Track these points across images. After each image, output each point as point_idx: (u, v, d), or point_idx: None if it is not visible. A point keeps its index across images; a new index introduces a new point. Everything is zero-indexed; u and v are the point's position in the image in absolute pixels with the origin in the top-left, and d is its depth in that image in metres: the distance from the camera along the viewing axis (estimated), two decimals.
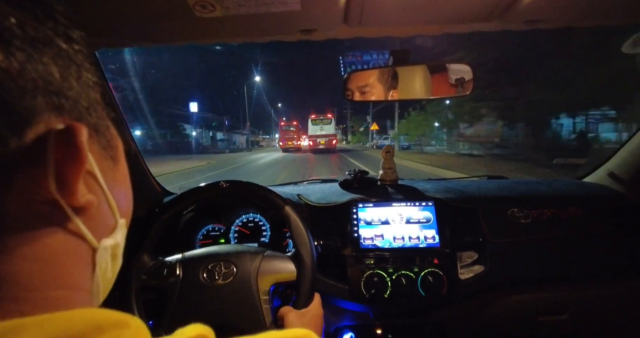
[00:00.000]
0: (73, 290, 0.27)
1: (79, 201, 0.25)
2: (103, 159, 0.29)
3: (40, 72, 0.23)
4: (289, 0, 0.61)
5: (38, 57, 0.23)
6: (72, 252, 0.27)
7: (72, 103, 0.25)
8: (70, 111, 0.25)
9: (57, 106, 0.24)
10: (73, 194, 0.25)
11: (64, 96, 0.24)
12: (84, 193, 0.26)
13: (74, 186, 0.25)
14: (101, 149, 0.29)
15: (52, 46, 0.24)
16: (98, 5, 0.62)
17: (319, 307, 0.81)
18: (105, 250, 0.30)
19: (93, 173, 0.28)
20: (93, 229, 0.28)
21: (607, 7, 0.71)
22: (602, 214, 1.10)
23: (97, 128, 0.28)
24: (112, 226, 0.31)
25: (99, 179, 0.28)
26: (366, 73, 1.06)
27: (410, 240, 1.02)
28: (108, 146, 0.30)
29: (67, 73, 0.25)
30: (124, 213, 0.33)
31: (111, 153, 0.31)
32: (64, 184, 0.24)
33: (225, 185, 0.91)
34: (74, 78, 0.25)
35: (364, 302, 0.97)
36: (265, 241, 1.17)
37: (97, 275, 0.29)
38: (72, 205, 0.25)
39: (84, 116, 0.26)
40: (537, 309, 1.07)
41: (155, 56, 36.93)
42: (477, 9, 0.71)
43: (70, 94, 0.25)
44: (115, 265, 0.33)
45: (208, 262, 0.82)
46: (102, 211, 0.29)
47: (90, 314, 0.24)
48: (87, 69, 0.27)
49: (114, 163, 0.31)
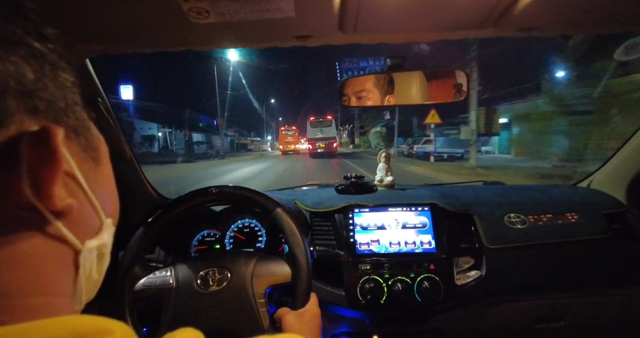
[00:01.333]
0: (54, 296, 0.26)
1: (56, 205, 0.25)
2: (84, 161, 0.29)
3: (10, 72, 0.22)
4: (283, 6, 0.61)
5: (7, 57, 0.22)
6: (53, 256, 0.26)
7: (47, 104, 0.24)
8: (45, 112, 0.24)
9: (31, 108, 0.23)
10: (50, 198, 0.24)
11: (37, 97, 0.23)
12: (63, 196, 0.25)
13: (50, 189, 0.24)
14: (81, 151, 0.28)
15: (22, 45, 0.23)
16: (92, 11, 0.62)
17: (317, 307, 0.80)
18: (90, 251, 0.29)
19: (73, 175, 0.27)
20: (76, 231, 0.27)
21: (600, 16, 0.72)
22: (598, 220, 1.10)
23: (76, 129, 0.27)
24: (97, 227, 0.30)
25: (80, 181, 0.28)
26: (362, 79, 1.07)
27: (407, 245, 1.02)
28: (89, 147, 0.29)
29: (40, 73, 0.24)
30: (110, 213, 0.32)
31: (92, 154, 0.30)
32: (40, 188, 0.24)
33: (215, 191, 0.90)
34: (48, 78, 0.24)
35: (360, 308, 0.96)
36: (261, 247, 1.16)
37: (81, 277, 0.29)
38: (51, 209, 0.25)
39: (61, 117, 0.25)
40: (535, 316, 1.06)
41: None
42: (471, 15, 0.71)
43: (44, 95, 0.24)
44: (102, 265, 0.32)
45: (201, 269, 0.81)
46: (85, 213, 0.29)
47: (72, 322, 0.23)
48: (63, 69, 0.26)
49: (96, 164, 0.31)
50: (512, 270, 1.03)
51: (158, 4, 0.60)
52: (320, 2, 0.61)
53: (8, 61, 0.22)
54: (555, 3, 0.65)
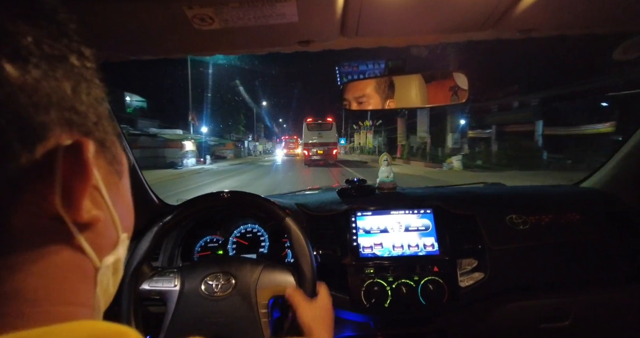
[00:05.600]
0: (77, 306, 0.26)
1: (83, 217, 0.25)
2: (109, 174, 0.29)
3: (53, 88, 0.23)
4: (286, 12, 0.62)
5: (52, 74, 0.23)
6: (76, 269, 0.27)
7: (81, 118, 0.25)
8: (79, 126, 0.25)
9: (68, 121, 0.24)
10: (78, 210, 0.25)
11: (74, 111, 0.25)
12: (90, 208, 0.26)
13: (79, 201, 0.25)
14: (107, 164, 0.29)
15: (66, 63, 0.24)
16: (96, 18, 0.62)
17: (327, 297, 0.79)
18: (107, 267, 0.30)
19: (98, 188, 0.28)
20: (97, 245, 0.28)
21: (598, 16, 0.73)
22: (600, 219, 1.10)
23: (103, 142, 0.28)
24: (114, 242, 0.31)
25: (104, 195, 0.28)
26: (363, 83, 1.07)
27: (410, 248, 1.02)
28: (114, 161, 0.30)
29: (78, 89, 0.25)
30: (126, 228, 0.33)
31: (117, 167, 0.31)
32: (70, 199, 0.24)
33: (227, 196, 0.90)
34: (84, 94, 0.26)
35: (365, 311, 0.96)
36: (263, 252, 1.16)
37: (98, 293, 0.29)
38: (77, 221, 0.25)
39: (91, 131, 0.26)
40: (539, 316, 1.06)
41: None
42: (472, 18, 0.72)
43: (80, 109, 0.25)
44: (116, 279, 0.33)
45: (207, 274, 0.81)
46: (106, 227, 0.29)
47: (90, 326, 0.24)
48: (96, 85, 0.27)
49: (119, 178, 0.31)
50: (515, 271, 1.03)
51: (162, 11, 0.60)
52: (323, 7, 0.62)
53: (53, 77, 0.23)
54: (554, 5, 0.66)
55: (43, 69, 0.22)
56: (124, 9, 0.59)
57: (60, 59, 0.24)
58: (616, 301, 1.07)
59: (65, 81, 0.24)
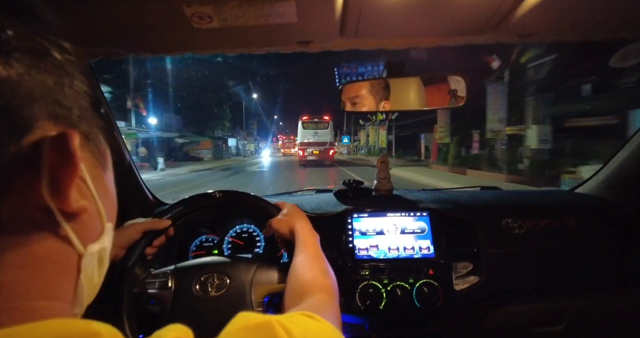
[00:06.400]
0: (55, 300, 0.26)
1: (71, 207, 0.26)
2: (94, 167, 0.30)
3: (37, 82, 0.24)
4: (285, 12, 0.62)
5: (35, 68, 0.24)
6: (59, 259, 0.27)
7: (66, 111, 0.26)
8: (64, 119, 0.26)
9: (53, 114, 0.25)
10: (65, 200, 0.25)
11: (59, 104, 0.25)
12: (77, 198, 0.26)
13: (66, 191, 0.25)
14: (92, 157, 0.30)
15: (48, 56, 0.25)
16: (94, 15, 0.62)
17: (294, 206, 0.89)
18: (92, 255, 0.30)
19: (85, 179, 0.28)
20: (82, 235, 0.28)
21: (596, 23, 0.73)
22: (596, 224, 1.11)
23: (88, 135, 0.29)
24: (99, 231, 0.32)
25: (90, 186, 0.29)
26: (359, 84, 1.08)
27: (405, 250, 1.02)
28: (98, 153, 0.31)
29: (61, 82, 0.26)
30: (111, 218, 0.34)
31: (101, 160, 0.32)
32: (57, 189, 0.25)
33: (219, 195, 0.90)
34: (67, 87, 0.26)
35: (359, 313, 0.96)
36: (259, 252, 1.16)
37: (82, 281, 0.29)
38: (65, 211, 0.26)
39: (76, 123, 0.27)
40: (534, 320, 1.06)
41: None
42: (470, 22, 0.72)
43: (64, 103, 0.26)
44: (102, 269, 0.33)
45: (201, 274, 0.80)
46: (91, 217, 0.30)
47: (59, 325, 0.24)
48: (78, 79, 0.28)
49: (103, 170, 0.32)
50: (510, 275, 1.03)
51: (161, 9, 0.60)
52: (322, 7, 0.62)
53: (35, 71, 0.24)
54: (553, 10, 0.66)
55: (26, 64, 0.23)
56: (122, 6, 0.59)
57: (42, 53, 0.25)
58: (610, 306, 1.08)
59: (47, 75, 0.24)
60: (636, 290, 1.07)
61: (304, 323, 0.36)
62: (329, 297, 0.58)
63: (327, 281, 0.62)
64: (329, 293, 0.59)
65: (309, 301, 0.54)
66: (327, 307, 0.54)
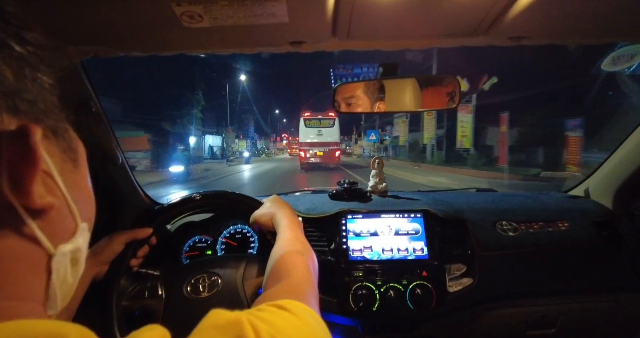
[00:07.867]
0: (22, 300, 0.26)
1: (36, 203, 0.25)
2: (63, 162, 0.29)
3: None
4: (277, 12, 0.61)
5: None
6: (24, 258, 0.26)
7: (27, 105, 0.25)
8: (26, 112, 0.25)
9: (12, 107, 0.24)
10: (29, 195, 0.24)
11: (18, 98, 0.24)
12: (43, 194, 0.26)
13: (28, 186, 0.24)
14: (60, 152, 0.29)
15: (4, 48, 0.24)
16: (83, 14, 0.61)
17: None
18: (63, 255, 0.29)
19: (51, 175, 0.27)
20: (51, 233, 0.27)
21: (588, 26, 0.74)
22: (588, 227, 1.11)
23: (55, 130, 0.28)
24: (72, 231, 0.30)
25: (58, 182, 0.28)
26: (353, 85, 1.07)
27: (399, 252, 1.01)
28: (68, 148, 0.30)
29: (21, 75, 0.25)
30: (86, 218, 0.32)
31: (71, 155, 0.31)
32: (18, 184, 0.24)
33: (199, 197, 0.91)
34: (29, 80, 0.25)
35: (353, 315, 0.95)
36: (253, 253, 1.15)
37: (54, 282, 0.28)
38: (30, 207, 0.25)
39: (41, 118, 0.26)
40: (526, 323, 1.06)
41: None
42: (463, 24, 0.72)
43: (25, 96, 0.25)
44: (76, 270, 0.32)
45: (191, 276, 0.80)
46: (61, 215, 0.29)
47: (21, 327, 0.23)
48: (43, 72, 0.27)
49: (75, 166, 0.31)
50: (503, 277, 1.03)
51: (150, 7, 0.59)
52: (314, 8, 0.61)
53: None
54: (546, 13, 0.66)
55: None
56: (112, 5, 0.58)
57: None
58: (602, 309, 1.08)
59: (4, 66, 0.23)
60: (628, 293, 1.08)
61: (275, 319, 0.34)
62: (304, 274, 0.57)
63: (303, 259, 0.62)
64: (304, 271, 0.57)
65: (284, 282, 0.53)
66: (304, 285, 0.53)
